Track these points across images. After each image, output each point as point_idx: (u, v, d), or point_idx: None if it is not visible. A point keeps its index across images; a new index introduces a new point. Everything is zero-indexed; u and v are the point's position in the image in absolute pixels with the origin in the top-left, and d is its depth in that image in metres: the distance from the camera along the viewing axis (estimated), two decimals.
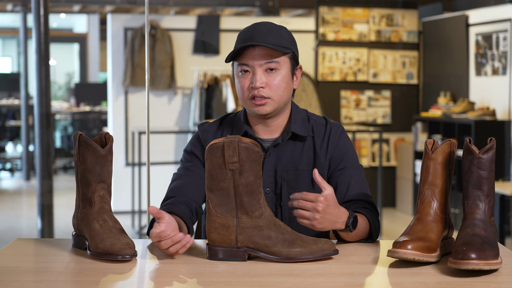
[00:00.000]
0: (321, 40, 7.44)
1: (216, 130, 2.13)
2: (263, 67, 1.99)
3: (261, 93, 1.99)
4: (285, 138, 2.07)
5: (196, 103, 7.21)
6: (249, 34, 2.00)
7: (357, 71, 7.53)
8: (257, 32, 1.99)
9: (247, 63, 1.99)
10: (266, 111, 2.02)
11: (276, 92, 2.01)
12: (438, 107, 6.85)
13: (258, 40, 1.97)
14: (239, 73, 2.02)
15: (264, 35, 1.99)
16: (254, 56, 1.99)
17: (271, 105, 2.01)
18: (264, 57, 1.99)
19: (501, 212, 5.00)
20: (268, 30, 2.00)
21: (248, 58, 1.99)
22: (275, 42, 1.99)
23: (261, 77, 1.99)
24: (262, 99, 2.00)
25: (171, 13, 9.89)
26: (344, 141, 2.11)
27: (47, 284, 1.59)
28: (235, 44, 2.04)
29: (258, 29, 2.00)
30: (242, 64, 2.00)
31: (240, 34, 2.04)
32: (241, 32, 2.04)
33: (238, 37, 2.04)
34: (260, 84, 1.98)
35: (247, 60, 1.99)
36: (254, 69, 1.99)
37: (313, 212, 1.80)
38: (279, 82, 2.00)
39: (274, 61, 1.99)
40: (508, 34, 6.22)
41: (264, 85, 1.99)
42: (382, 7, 7.58)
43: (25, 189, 9.04)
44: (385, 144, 7.70)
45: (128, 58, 7.20)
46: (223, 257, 1.77)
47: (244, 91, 2.02)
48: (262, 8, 8.43)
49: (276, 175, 2.06)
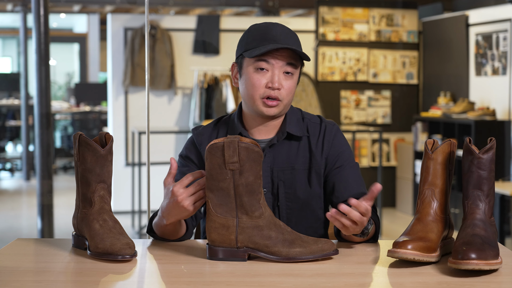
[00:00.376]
0: (321, 40, 7.44)
1: (211, 133, 2.12)
2: (283, 69, 1.98)
3: (276, 94, 1.99)
4: (281, 138, 2.07)
5: (196, 103, 7.21)
6: (272, 34, 1.97)
7: (357, 71, 7.53)
8: (280, 34, 1.98)
9: (269, 61, 1.97)
10: (275, 113, 2.01)
11: (288, 96, 2.01)
12: (438, 107, 6.85)
13: (283, 42, 1.96)
14: (254, 69, 1.99)
15: (287, 38, 1.98)
16: (277, 56, 1.97)
17: (279, 108, 2.01)
18: (287, 59, 1.98)
19: (501, 212, 5.00)
20: (289, 33, 2.00)
21: (271, 58, 1.97)
22: (296, 46, 1.99)
23: (280, 78, 1.98)
24: (275, 101, 1.99)
25: (171, 13, 9.89)
26: (340, 140, 2.11)
27: (47, 284, 1.59)
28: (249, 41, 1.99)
29: (279, 30, 1.98)
30: (262, 61, 1.97)
31: (257, 31, 1.99)
32: (257, 28, 2.00)
33: (254, 34, 2.00)
34: (278, 85, 1.98)
35: (270, 59, 1.97)
36: (274, 69, 1.98)
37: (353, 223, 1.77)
38: (292, 88, 2.01)
39: (294, 64, 1.99)
40: (508, 34, 6.22)
41: (281, 87, 1.99)
42: (382, 7, 7.58)
43: (25, 189, 9.04)
44: (385, 144, 7.70)
45: (128, 58, 7.21)
46: (223, 257, 1.77)
47: (257, 89, 1.99)
48: (262, 8, 8.43)
49: (273, 175, 2.06)
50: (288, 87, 1.99)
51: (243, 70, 2.02)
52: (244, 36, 2.03)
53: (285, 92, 1.99)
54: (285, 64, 1.98)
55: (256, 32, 2.00)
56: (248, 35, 2.02)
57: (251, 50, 1.98)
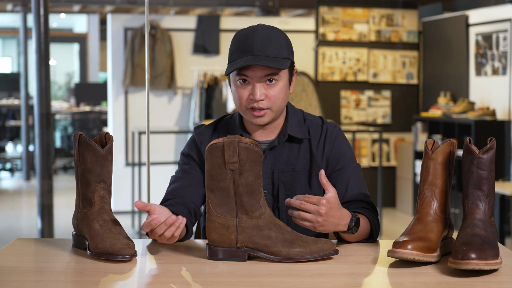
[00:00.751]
0: (321, 40, 7.44)
1: (212, 133, 2.12)
2: (263, 79, 1.97)
3: (260, 105, 1.98)
4: (282, 140, 2.07)
5: (196, 103, 7.21)
6: (248, 44, 1.96)
7: (357, 71, 7.53)
8: (257, 43, 1.95)
9: (247, 74, 1.97)
10: (264, 122, 2.01)
11: (275, 103, 1.99)
12: (438, 107, 6.85)
13: (257, 53, 1.94)
14: (237, 82, 2.00)
15: (264, 47, 1.95)
16: (255, 69, 1.96)
17: (269, 116, 2.01)
18: (264, 70, 1.96)
19: (501, 212, 5.00)
20: (267, 40, 1.96)
21: (248, 71, 1.96)
22: (274, 54, 1.96)
23: (261, 89, 1.97)
24: (261, 111, 1.99)
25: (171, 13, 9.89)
26: (341, 141, 2.10)
27: (47, 284, 1.59)
28: (232, 51, 1.99)
29: (257, 39, 1.96)
30: (241, 75, 1.97)
31: (237, 41, 1.99)
32: (238, 38, 1.99)
33: (235, 44, 1.99)
34: (260, 97, 1.96)
35: (247, 72, 1.96)
36: (254, 81, 1.97)
37: (316, 215, 1.80)
38: (278, 94, 1.99)
39: (273, 73, 1.97)
40: (508, 34, 6.22)
41: (264, 97, 1.98)
42: (382, 7, 7.58)
43: (25, 189, 9.04)
44: (385, 144, 7.70)
45: (128, 58, 7.21)
46: (223, 257, 1.77)
47: (242, 101, 1.99)
48: (262, 8, 8.43)
49: (273, 177, 2.06)
50: (273, 94, 1.98)
51: (231, 81, 2.04)
52: (230, 45, 2.03)
53: (270, 100, 1.98)
54: (264, 75, 1.97)
55: (237, 42, 1.99)
56: (231, 46, 2.02)
57: (229, 64, 1.99)
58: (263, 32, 1.98)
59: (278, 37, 1.99)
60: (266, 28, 2.00)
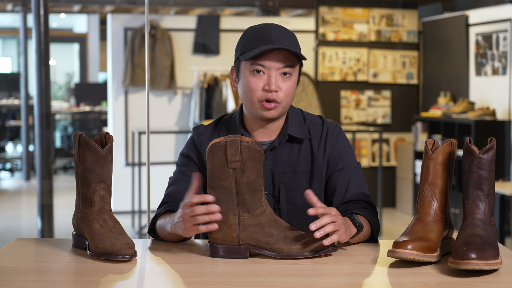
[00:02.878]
0: (321, 40, 7.44)
1: (211, 133, 2.11)
2: (280, 70, 1.96)
3: (274, 96, 1.96)
4: (282, 141, 2.05)
5: (196, 103, 7.21)
6: (266, 36, 1.95)
7: (357, 71, 7.53)
8: (275, 33, 1.95)
9: (264, 64, 1.95)
10: (274, 116, 1.99)
11: (286, 97, 1.98)
12: (438, 107, 6.85)
13: (278, 42, 1.93)
14: (250, 72, 1.97)
15: (283, 38, 1.95)
16: (273, 58, 1.94)
17: (279, 110, 1.99)
18: (283, 61, 1.95)
19: (501, 212, 5.00)
20: (285, 33, 1.97)
21: (266, 60, 1.95)
22: (293, 46, 1.96)
23: (277, 80, 1.96)
24: (273, 103, 1.97)
25: (171, 13, 9.89)
26: (342, 141, 2.09)
27: (47, 284, 1.59)
28: (245, 43, 1.97)
29: (275, 30, 1.96)
30: (258, 64, 1.95)
31: (252, 34, 1.98)
32: (252, 31, 1.98)
33: (249, 36, 1.98)
34: (275, 88, 1.95)
35: (265, 61, 1.95)
36: (271, 72, 1.95)
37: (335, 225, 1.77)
38: (290, 89, 1.98)
39: (291, 65, 1.97)
40: (508, 34, 6.22)
41: (278, 89, 1.96)
42: (382, 7, 7.59)
43: (25, 189, 9.04)
44: (385, 144, 7.70)
45: (128, 58, 7.21)
46: (224, 254, 1.77)
47: (255, 92, 1.97)
48: (262, 8, 8.43)
49: (274, 178, 2.05)
50: (286, 88, 1.97)
51: (241, 73, 2.01)
52: (241, 39, 2.01)
53: (283, 94, 1.97)
54: (282, 66, 1.96)
55: (252, 34, 1.98)
56: (244, 38, 1.99)
57: (246, 53, 1.96)
58: (279, 27, 1.99)
59: (293, 34, 2.01)
60: (280, 25, 2.01)
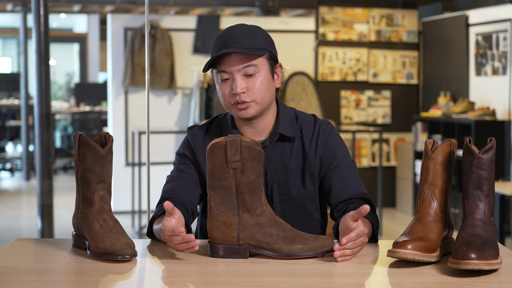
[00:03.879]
0: (321, 40, 7.44)
1: (205, 134, 2.12)
2: (241, 72, 1.98)
3: (242, 98, 1.98)
4: (273, 140, 2.06)
5: (196, 103, 7.21)
6: (223, 40, 1.99)
7: (357, 71, 7.53)
8: (231, 37, 1.98)
9: (225, 70, 1.99)
10: (250, 114, 2.01)
11: (258, 94, 2.00)
12: (438, 107, 6.85)
13: (231, 45, 1.96)
14: (219, 81, 2.01)
15: (238, 40, 1.98)
16: (231, 62, 1.97)
17: (254, 108, 2.01)
18: (241, 62, 1.97)
19: (501, 212, 5.00)
20: (241, 34, 1.99)
21: (226, 65, 1.98)
22: (249, 45, 1.97)
23: (240, 82, 1.98)
24: (244, 104, 1.99)
25: (171, 13, 9.89)
26: (334, 139, 2.10)
27: (47, 284, 1.59)
28: (212, 52, 2.03)
29: (231, 34, 1.99)
30: (221, 72, 1.99)
31: (215, 40, 2.03)
32: (216, 38, 2.03)
33: (214, 44, 2.03)
34: (240, 90, 1.97)
35: (225, 67, 1.98)
36: (233, 75, 1.98)
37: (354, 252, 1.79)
38: (260, 85, 2.00)
39: (251, 64, 1.98)
40: (508, 34, 6.22)
41: (245, 90, 1.98)
42: (382, 7, 7.58)
43: (25, 189, 9.04)
44: (385, 144, 7.70)
45: (128, 58, 7.21)
46: (224, 254, 1.77)
47: (226, 98, 2.01)
48: (262, 8, 8.43)
49: (267, 177, 2.06)
50: (254, 86, 1.99)
51: (214, 81, 2.06)
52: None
53: (252, 92, 1.99)
54: (242, 67, 1.98)
55: (215, 42, 2.03)
56: (212, 46, 2.05)
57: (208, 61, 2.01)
58: (237, 28, 2.01)
59: (253, 31, 2.02)
60: (243, 25, 2.03)
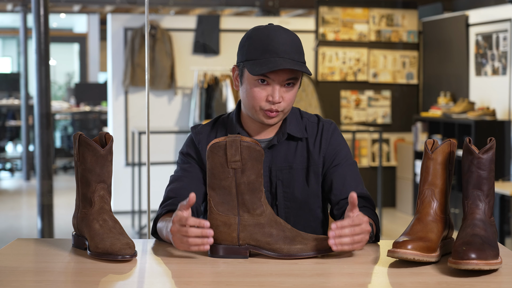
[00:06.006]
0: (321, 40, 7.44)
1: (209, 132, 2.12)
2: (284, 82, 1.97)
3: (277, 107, 1.98)
4: (281, 139, 2.07)
5: (196, 103, 7.21)
6: (273, 46, 1.94)
7: (357, 71, 7.53)
8: (281, 44, 1.94)
9: (270, 76, 1.96)
10: (275, 122, 2.02)
11: (289, 105, 2.01)
12: (438, 107, 6.85)
13: (282, 55, 1.93)
14: (255, 81, 1.97)
15: (288, 50, 1.95)
16: (280, 72, 1.95)
17: (279, 117, 2.01)
18: (288, 74, 1.96)
19: (501, 212, 5.00)
20: (291, 43, 1.96)
21: (272, 73, 1.95)
22: (298, 58, 1.96)
23: (280, 92, 1.97)
24: (275, 112, 1.99)
25: (171, 13, 9.89)
26: (337, 138, 2.12)
27: (47, 284, 1.59)
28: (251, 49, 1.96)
29: (280, 40, 1.95)
30: (264, 75, 1.95)
31: (258, 39, 1.96)
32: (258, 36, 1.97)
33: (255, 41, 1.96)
34: (279, 100, 1.97)
35: (271, 74, 1.95)
36: (275, 84, 1.96)
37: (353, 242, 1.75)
38: (293, 97, 2.00)
39: (295, 77, 1.98)
40: (508, 34, 6.22)
41: (281, 100, 1.98)
42: (382, 7, 7.58)
43: (25, 189, 9.04)
44: (385, 144, 7.70)
45: (128, 58, 7.21)
46: (224, 254, 1.77)
47: (258, 101, 1.98)
48: (262, 8, 8.43)
49: (271, 175, 2.07)
50: (289, 98, 1.99)
51: (244, 78, 2.01)
52: (246, 41, 2.00)
53: (285, 103, 1.99)
54: (286, 78, 1.97)
55: (258, 40, 1.97)
56: (249, 42, 1.98)
57: (252, 63, 1.95)
58: (285, 34, 1.97)
59: (297, 41, 2.00)
60: (285, 30, 1.99)
